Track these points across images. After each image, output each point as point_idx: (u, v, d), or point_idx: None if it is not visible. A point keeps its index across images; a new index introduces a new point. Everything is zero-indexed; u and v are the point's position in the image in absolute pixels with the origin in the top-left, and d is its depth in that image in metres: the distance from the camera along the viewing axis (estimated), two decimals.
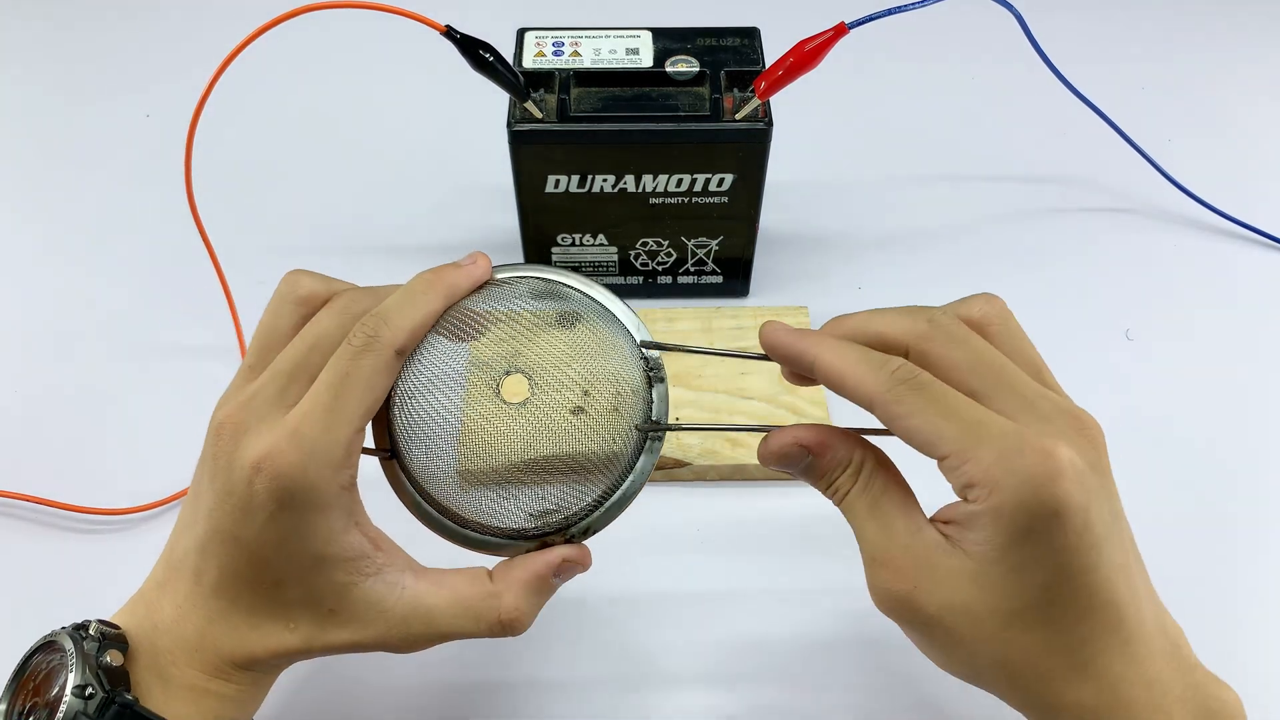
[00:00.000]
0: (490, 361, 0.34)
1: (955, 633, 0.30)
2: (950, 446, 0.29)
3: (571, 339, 0.34)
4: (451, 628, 0.33)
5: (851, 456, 0.33)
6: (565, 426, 0.33)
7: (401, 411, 0.33)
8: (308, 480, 0.30)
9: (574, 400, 0.34)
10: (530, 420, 0.33)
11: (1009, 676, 0.30)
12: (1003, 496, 0.28)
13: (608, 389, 0.34)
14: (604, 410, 0.34)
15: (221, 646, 0.32)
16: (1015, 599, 0.29)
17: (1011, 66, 0.63)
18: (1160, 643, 0.31)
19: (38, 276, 0.61)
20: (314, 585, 0.32)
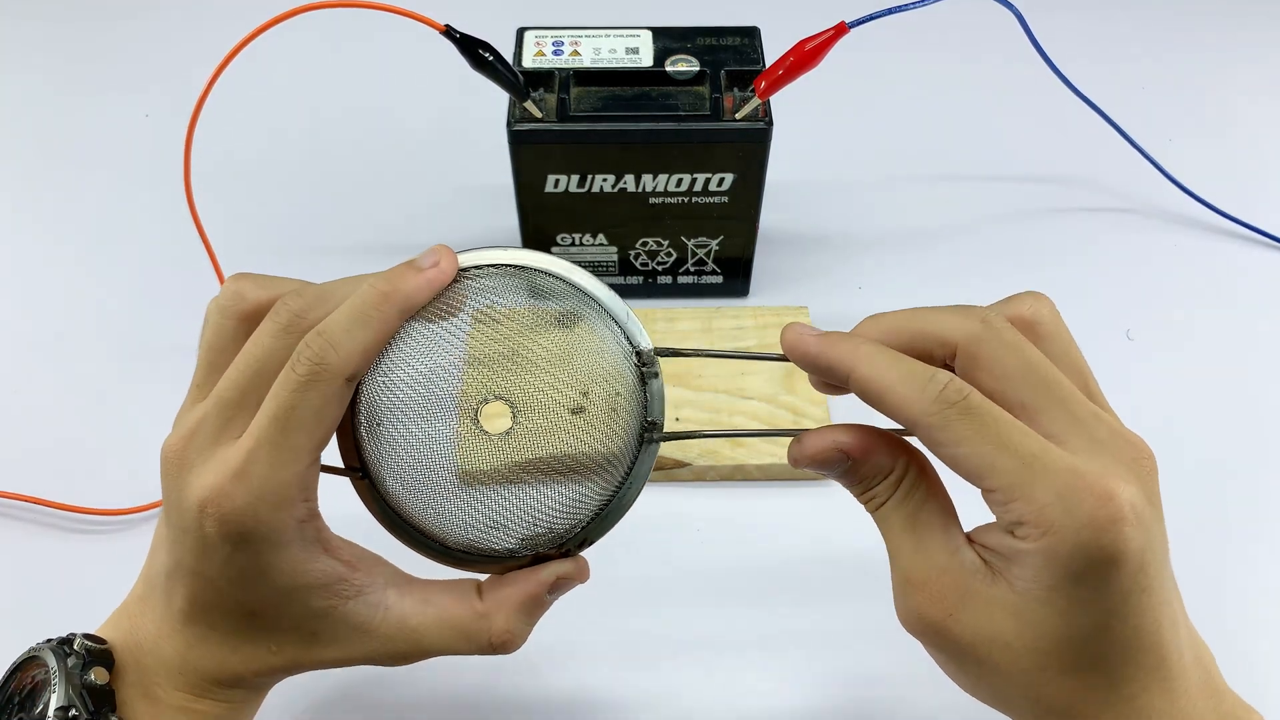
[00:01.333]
0: (464, 380, 0.31)
1: (988, 664, 0.29)
2: (1002, 480, 0.27)
3: (557, 342, 0.31)
4: (439, 646, 0.32)
5: (894, 465, 0.30)
6: (556, 443, 0.30)
7: (370, 435, 0.31)
8: (258, 521, 0.29)
9: (567, 411, 0.31)
10: (517, 443, 0.30)
11: (1041, 713, 0.29)
12: (1058, 539, 0.26)
13: (601, 396, 0.31)
14: (599, 416, 0.31)
15: (203, 668, 0.31)
16: (1059, 640, 0.28)
17: (1012, 66, 0.63)
18: (1196, 675, 0.30)
19: (37, 276, 0.61)
20: (290, 613, 0.30)
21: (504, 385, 0.30)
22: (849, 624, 0.45)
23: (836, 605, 0.45)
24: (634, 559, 0.47)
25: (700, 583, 0.46)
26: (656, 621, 0.45)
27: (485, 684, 0.43)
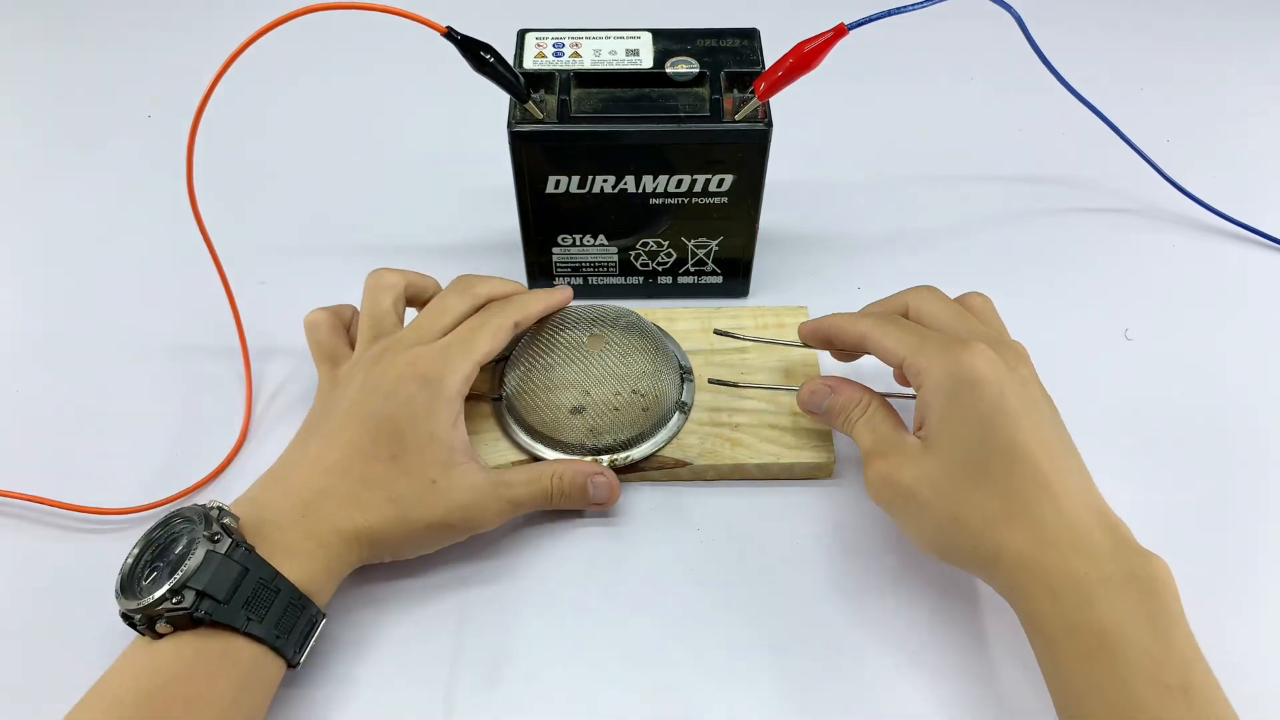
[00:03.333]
0: (576, 349, 0.48)
1: (921, 497, 0.40)
2: (905, 351, 0.42)
3: (638, 345, 0.49)
4: (522, 494, 0.45)
5: (860, 396, 0.45)
6: (627, 401, 0.48)
7: (512, 372, 0.50)
8: (442, 374, 0.43)
9: (629, 386, 0.48)
10: (588, 354, 0.48)
11: (963, 529, 0.38)
12: (936, 373, 0.40)
13: (655, 379, 0.49)
14: (649, 391, 0.49)
15: (324, 513, 0.41)
16: (958, 457, 0.39)
17: (1011, 67, 0.64)
18: (1086, 509, 0.38)
19: (39, 276, 0.62)
20: (425, 456, 0.42)
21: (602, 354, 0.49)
22: (849, 623, 0.45)
23: (836, 605, 0.45)
24: (634, 558, 0.47)
25: (700, 582, 0.46)
26: (656, 621, 0.45)
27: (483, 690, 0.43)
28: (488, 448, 0.50)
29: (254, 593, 0.37)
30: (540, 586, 0.46)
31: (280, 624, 0.38)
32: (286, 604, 0.38)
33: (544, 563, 0.47)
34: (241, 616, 0.37)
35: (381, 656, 0.44)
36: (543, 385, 0.48)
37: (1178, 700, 0.33)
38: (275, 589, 0.38)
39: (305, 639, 0.40)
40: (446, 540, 0.44)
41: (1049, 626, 0.36)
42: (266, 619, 0.37)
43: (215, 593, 0.36)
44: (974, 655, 0.43)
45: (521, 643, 0.44)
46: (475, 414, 0.51)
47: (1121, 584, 0.36)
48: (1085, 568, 0.36)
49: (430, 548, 0.44)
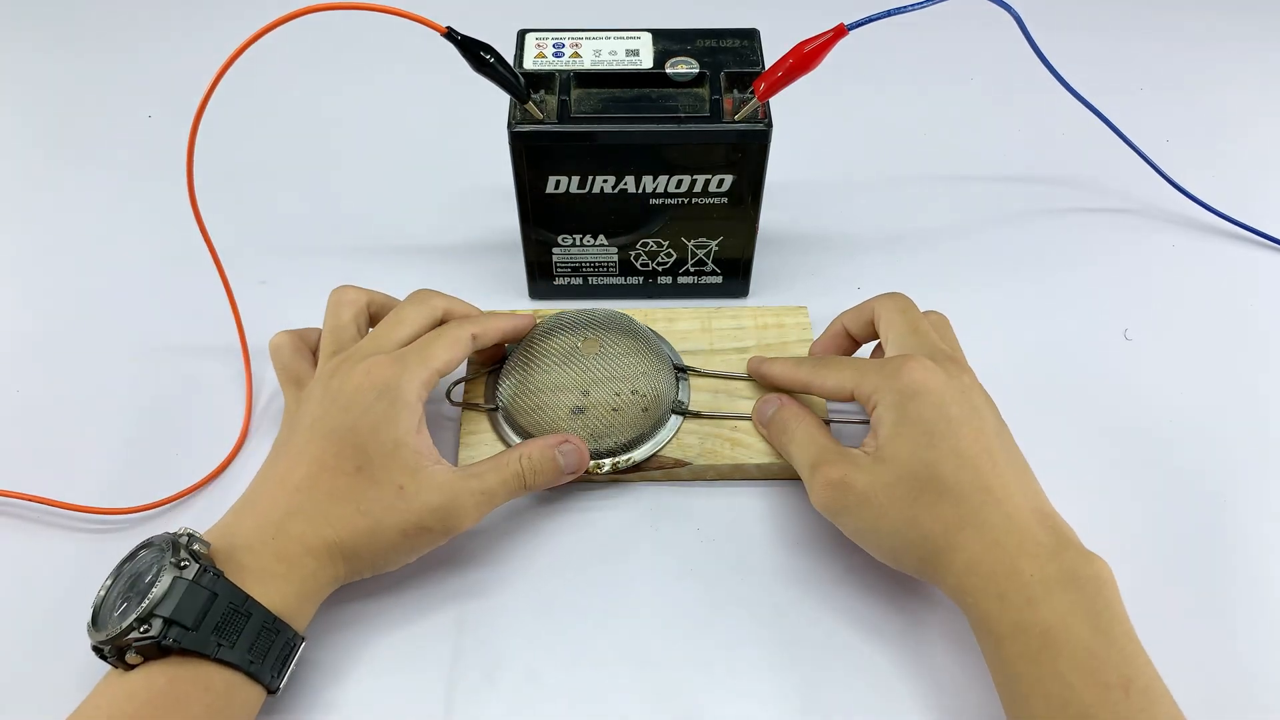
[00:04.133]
0: (571, 352, 0.49)
1: (876, 502, 0.40)
2: (849, 384, 0.44)
3: (632, 346, 0.50)
4: (493, 482, 0.43)
5: (802, 412, 0.47)
6: (627, 401, 0.48)
7: (507, 379, 0.50)
8: (399, 381, 0.42)
9: (629, 387, 0.49)
10: (585, 357, 0.49)
11: (917, 533, 0.40)
12: (883, 391, 0.42)
13: (652, 379, 0.50)
14: (648, 391, 0.49)
15: (294, 533, 0.40)
16: (909, 465, 0.40)
17: (1010, 67, 0.64)
18: (1030, 511, 0.39)
19: (39, 276, 0.62)
20: (390, 464, 0.41)
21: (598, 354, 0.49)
22: (848, 623, 0.45)
23: (836, 605, 0.45)
24: (634, 558, 0.47)
25: (700, 582, 0.46)
26: (656, 621, 0.45)
27: (483, 690, 0.43)
28: (484, 449, 0.50)
29: (224, 618, 0.36)
30: (540, 587, 0.46)
31: (254, 649, 0.37)
32: (259, 628, 0.37)
33: (543, 563, 0.47)
34: (212, 643, 0.36)
35: (382, 656, 0.44)
36: (540, 388, 0.48)
37: (1118, 696, 0.34)
38: (246, 613, 0.37)
39: (283, 664, 0.39)
40: (426, 544, 0.43)
41: (996, 627, 0.37)
42: (239, 644, 0.37)
43: (183, 619, 0.36)
44: (971, 658, 0.43)
45: (521, 643, 0.44)
46: (472, 424, 0.51)
47: (1063, 583, 0.37)
48: (1029, 568, 0.37)
49: (411, 555, 0.43)
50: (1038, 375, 0.55)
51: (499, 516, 0.49)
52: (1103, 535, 0.48)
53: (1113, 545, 0.48)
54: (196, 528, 0.39)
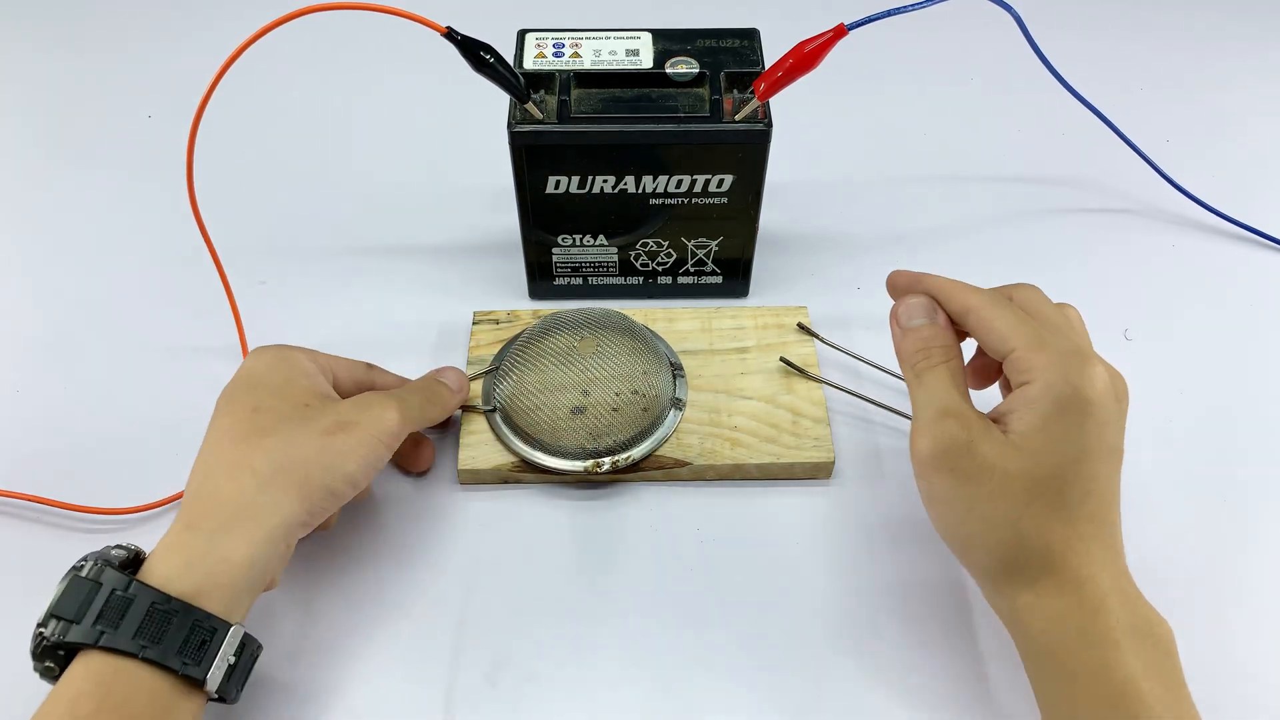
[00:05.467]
0: (569, 353, 0.49)
1: (989, 486, 0.36)
2: (1020, 341, 0.38)
3: (630, 345, 0.50)
4: (399, 391, 0.46)
5: (953, 343, 0.41)
6: (627, 400, 0.48)
7: (504, 380, 0.51)
8: (285, 351, 0.44)
9: (629, 387, 0.48)
10: (584, 357, 0.49)
11: (1016, 534, 0.36)
12: (1052, 377, 0.36)
13: (651, 378, 0.49)
14: (647, 390, 0.49)
15: (200, 498, 0.39)
16: (1044, 467, 0.36)
17: (1011, 67, 0.64)
18: (1123, 558, 0.38)
19: (39, 276, 0.62)
20: (290, 393, 0.42)
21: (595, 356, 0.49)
22: (848, 623, 0.45)
23: (835, 605, 0.45)
24: (634, 558, 0.47)
25: (700, 582, 0.46)
26: (656, 621, 0.45)
27: (483, 690, 0.43)
28: (484, 449, 0.50)
29: (106, 605, 0.35)
30: (540, 587, 0.46)
31: (142, 632, 0.35)
32: (146, 610, 0.35)
33: (544, 563, 0.47)
34: (94, 633, 0.34)
35: (382, 657, 0.44)
36: (540, 388, 0.49)
37: None
38: (130, 597, 0.35)
39: (200, 649, 0.36)
40: (356, 446, 0.41)
41: (1069, 663, 0.36)
42: (122, 629, 0.35)
43: (64, 613, 0.35)
44: (969, 659, 0.43)
45: (521, 643, 0.44)
46: (471, 425, 0.51)
47: (1142, 636, 0.36)
48: (1116, 613, 0.36)
49: (352, 461, 0.41)
50: None
51: (499, 517, 0.49)
52: None
53: None
54: None
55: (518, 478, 0.50)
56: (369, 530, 0.48)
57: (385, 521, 0.49)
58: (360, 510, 0.49)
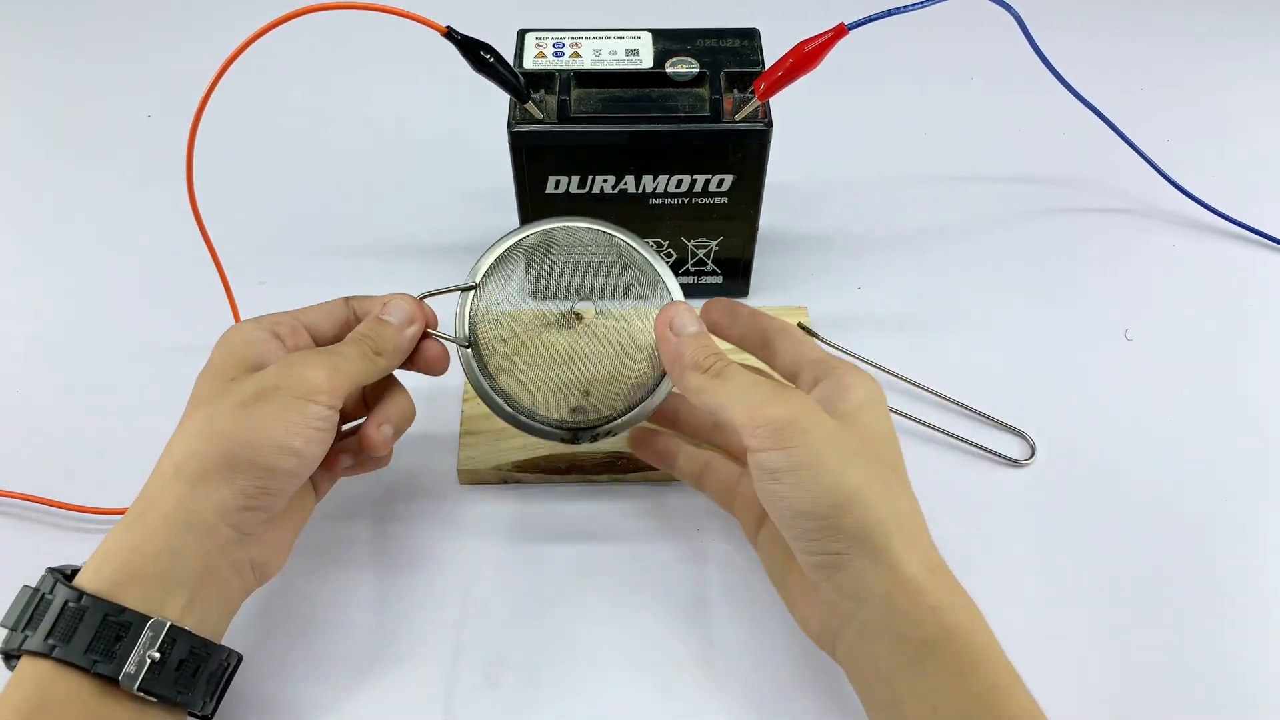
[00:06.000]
0: (562, 289, 0.44)
1: (827, 446, 0.35)
2: (815, 355, 0.41)
3: (628, 287, 0.44)
4: (338, 346, 0.41)
5: None
6: (612, 354, 0.42)
7: (484, 317, 0.43)
8: (243, 325, 0.42)
9: (622, 339, 0.43)
10: (586, 342, 0.43)
11: (851, 493, 0.35)
12: (847, 375, 0.39)
13: (648, 334, 0.43)
14: (643, 348, 0.43)
15: (140, 503, 0.37)
16: (873, 432, 0.37)
17: (1011, 67, 0.63)
18: (908, 527, 0.36)
19: (39, 276, 0.62)
20: (217, 373, 0.40)
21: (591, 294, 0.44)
22: None
23: None
24: (634, 558, 0.47)
25: (700, 582, 0.46)
26: (656, 620, 0.45)
27: (483, 690, 0.43)
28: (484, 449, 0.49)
29: (24, 607, 0.35)
30: (540, 587, 0.46)
31: (56, 632, 0.34)
32: (61, 612, 0.34)
33: (543, 563, 0.47)
34: (16, 637, 0.34)
35: (382, 657, 0.44)
36: (535, 385, 0.44)
37: None
38: (50, 599, 0.35)
39: (109, 644, 0.34)
40: (284, 409, 0.37)
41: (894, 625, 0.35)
42: (38, 630, 0.34)
43: (3, 621, 0.35)
44: None
45: (521, 643, 0.44)
46: (471, 425, 0.51)
47: None
48: None
49: (281, 427, 0.37)
50: (1038, 375, 0.55)
51: (499, 517, 0.49)
52: (1102, 534, 0.48)
53: (1112, 544, 0.48)
54: None
55: (518, 478, 0.50)
56: (369, 530, 0.48)
57: (385, 521, 0.49)
58: (360, 509, 0.49)
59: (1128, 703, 0.42)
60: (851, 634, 0.35)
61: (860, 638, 0.35)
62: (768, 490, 0.36)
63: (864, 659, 0.35)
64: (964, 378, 0.54)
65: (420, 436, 0.52)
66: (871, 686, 0.35)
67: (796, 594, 0.39)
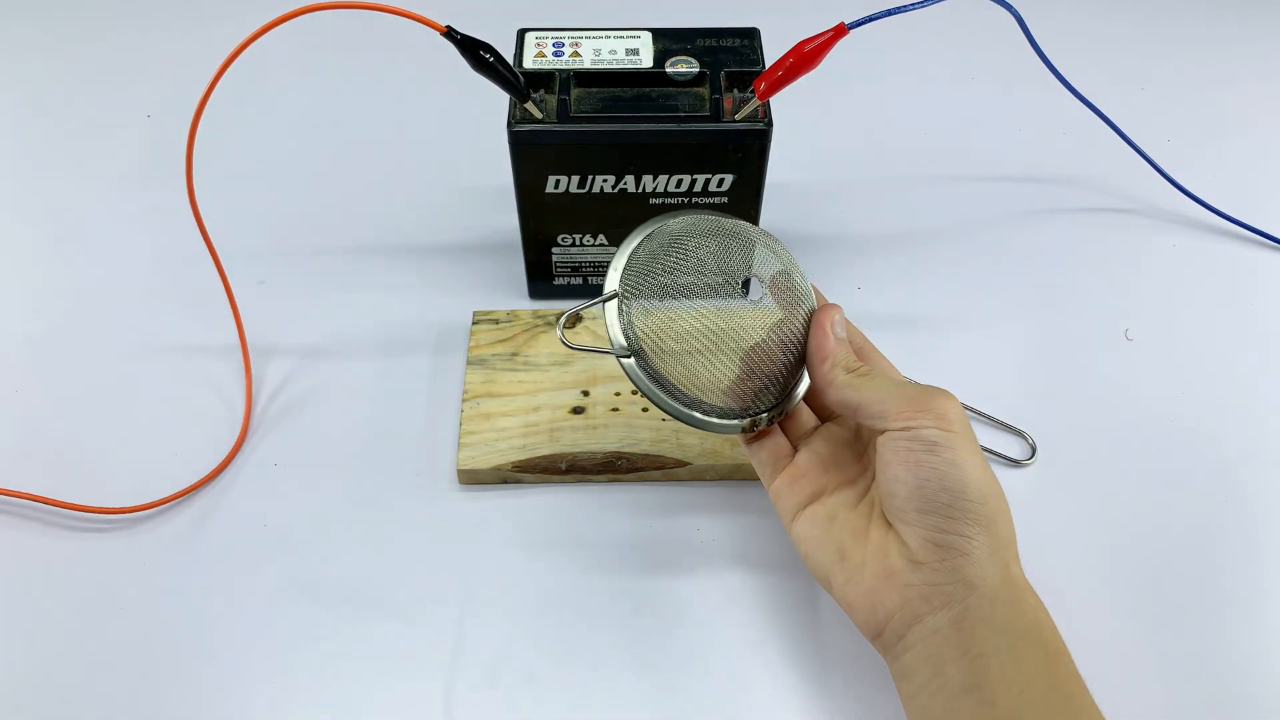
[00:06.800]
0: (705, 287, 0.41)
1: (973, 445, 0.37)
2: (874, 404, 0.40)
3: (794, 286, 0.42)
4: None
5: None
6: (774, 345, 0.41)
7: (646, 320, 0.40)
8: None
9: (785, 334, 0.41)
10: (751, 331, 0.41)
11: (990, 484, 0.37)
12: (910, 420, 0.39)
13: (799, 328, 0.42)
14: (795, 341, 0.42)
15: None
16: None
17: (1011, 66, 0.64)
18: (997, 527, 0.38)
19: (39, 276, 0.61)
20: None
21: None
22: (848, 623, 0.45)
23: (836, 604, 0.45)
24: (634, 559, 0.47)
25: (700, 582, 0.46)
26: (656, 620, 0.45)
27: (483, 690, 0.43)
28: (484, 449, 0.49)
29: None
30: (540, 587, 0.46)
31: None
32: None
33: (544, 563, 0.47)
34: None
35: (382, 656, 0.44)
36: (709, 379, 0.41)
37: None
38: None
39: None
40: None
41: None
42: None
43: None
44: None
45: (521, 643, 0.44)
46: (471, 426, 0.51)
47: None
48: None
49: None
50: (1038, 375, 0.55)
51: (499, 517, 0.49)
52: (1103, 534, 0.48)
53: (1113, 544, 0.48)
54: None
55: (518, 478, 0.50)
56: (369, 530, 0.48)
57: (385, 521, 0.49)
58: (360, 510, 0.49)
59: (1128, 702, 0.42)
60: (943, 618, 0.36)
61: (958, 622, 0.36)
62: (919, 461, 0.37)
63: (951, 643, 0.36)
64: (964, 378, 0.54)
65: (420, 436, 0.52)
66: (948, 669, 0.36)
67: (862, 574, 0.38)
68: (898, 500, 0.38)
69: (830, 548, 0.40)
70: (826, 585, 0.40)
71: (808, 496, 0.42)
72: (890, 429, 0.38)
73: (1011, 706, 0.34)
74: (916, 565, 0.37)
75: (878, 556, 0.38)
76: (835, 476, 0.42)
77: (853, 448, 0.43)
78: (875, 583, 0.38)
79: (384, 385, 0.54)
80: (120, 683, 0.43)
